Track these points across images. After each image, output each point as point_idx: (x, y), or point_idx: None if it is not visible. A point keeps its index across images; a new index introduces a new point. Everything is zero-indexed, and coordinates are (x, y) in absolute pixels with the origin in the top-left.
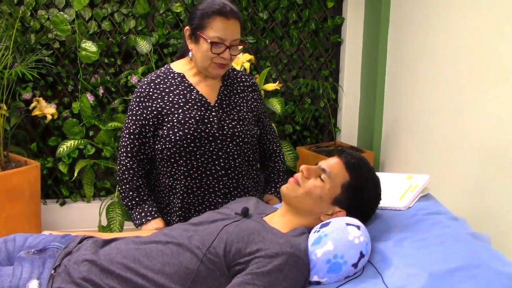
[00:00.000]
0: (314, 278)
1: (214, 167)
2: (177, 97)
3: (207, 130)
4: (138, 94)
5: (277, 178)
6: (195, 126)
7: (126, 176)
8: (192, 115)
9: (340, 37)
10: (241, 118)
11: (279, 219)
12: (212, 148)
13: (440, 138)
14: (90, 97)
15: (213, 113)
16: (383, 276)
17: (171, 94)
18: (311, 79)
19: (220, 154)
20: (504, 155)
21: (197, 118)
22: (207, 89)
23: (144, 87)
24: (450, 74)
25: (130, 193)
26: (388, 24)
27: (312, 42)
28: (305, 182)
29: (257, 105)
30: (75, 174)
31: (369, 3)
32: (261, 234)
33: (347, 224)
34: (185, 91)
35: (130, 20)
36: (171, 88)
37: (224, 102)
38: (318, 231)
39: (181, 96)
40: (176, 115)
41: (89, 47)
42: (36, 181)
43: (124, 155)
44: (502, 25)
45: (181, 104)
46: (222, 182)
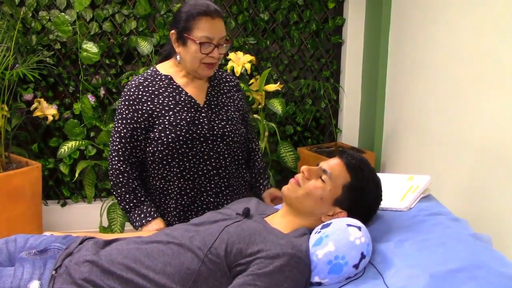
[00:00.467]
0: (315, 279)
1: (206, 167)
2: (167, 99)
3: (198, 131)
4: (127, 97)
5: (262, 175)
6: (186, 127)
7: (121, 180)
8: (183, 117)
9: (341, 38)
10: (229, 118)
11: (280, 220)
12: (204, 149)
13: (441, 139)
14: (91, 98)
15: (203, 114)
16: (384, 277)
17: (160, 97)
18: (312, 80)
19: (211, 154)
20: (505, 156)
21: (188, 119)
22: (195, 90)
23: (132, 90)
24: (451, 74)
25: (127, 196)
26: (389, 24)
27: (313, 43)
28: (306, 183)
29: (242, 104)
30: (76, 175)
31: (370, 4)
32: (262, 235)
33: (348, 225)
34: (174, 93)
35: (131, 21)
36: (160, 90)
37: (213, 102)
38: (319, 232)
39: (171, 98)
40: (167, 117)
41: (90, 48)
42: (37, 182)
43: (116, 159)
44: (502, 25)
45: (171, 106)
46: (213, 182)
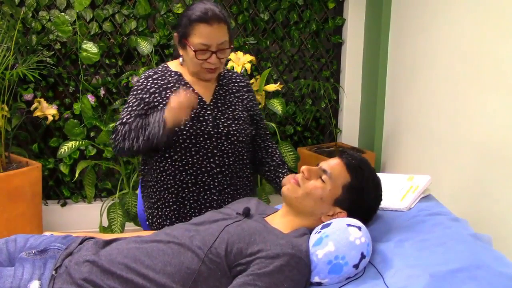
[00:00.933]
0: (315, 279)
1: (209, 165)
2: (174, 93)
3: (202, 128)
4: (136, 88)
5: (281, 167)
6: (190, 123)
7: (125, 126)
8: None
9: (341, 38)
10: (236, 117)
11: (280, 219)
12: (207, 146)
13: (441, 139)
14: (91, 98)
15: (208, 112)
16: (384, 277)
17: (168, 90)
18: (312, 80)
19: (215, 152)
20: (505, 156)
21: (192, 115)
22: (203, 88)
23: (141, 81)
24: (451, 74)
25: (135, 124)
26: (389, 24)
27: (313, 43)
28: (306, 183)
29: (253, 104)
30: (76, 175)
31: (370, 4)
32: (262, 235)
33: (348, 225)
34: (182, 89)
35: (131, 21)
36: (169, 85)
37: (219, 101)
38: (319, 232)
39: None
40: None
41: (90, 48)
42: (37, 182)
43: (121, 127)
44: (502, 25)
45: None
46: (217, 180)
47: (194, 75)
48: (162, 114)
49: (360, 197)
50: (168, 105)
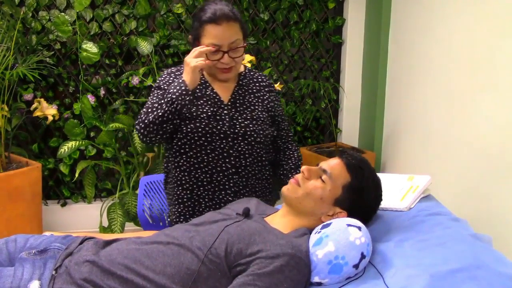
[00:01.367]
0: (315, 279)
1: (225, 165)
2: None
3: (219, 127)
4: (158, 82)
5: (294, 172)
6: (206, 121)
7: (147, 112)
8: (204, 110)
9: (341, 38)
10: (254, 117)
11: (280, 220)
12: (223, 146)
13: (441, 139)
14: (91, 98)
15: (225, 111)
16: (384, 277)
17: None
18: (312, 80)
19: (231, 152)
20: (504, 156)
21: (209, 113)
22: (221, 87)
23: (163, 76)
24: (451, 75)
25: (157, 101)
26: (389, 24)
27: (313, 43)
28: (306, 183)
29: (274, 105)
30: (76, 175)
31: (370, 4)
32: (262, 235)
33: (348, 225)
34: (201, 87)
35: (131, 21)
36: None
37: (238, 101)
38: (319, 232)
39: (197, 91)
40: (187, 109)
41: (90, 48)
42: (37, 182)
43: (141, 125)
44: (501, 26)
45: (194, 100)
46: (232, 180)
47: (211, 76)
48: (180, 78)
49: (360, 197)
50: (184, 68)
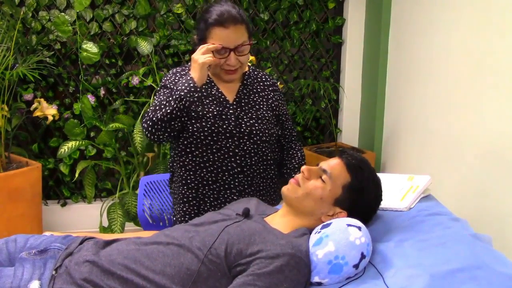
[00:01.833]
0: (315, 279)
1: (230, 164)
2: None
3: (224, 126)
4: (163, 81)
5: (297, 171)
6: (212, 120)
7: (154, 110)
8: (210, 110)
9: (341, 37)
10: (259, 116)
11: (280, 219)
12: (229, 145)
13: (441, 139)
14: (91, 98)
15: (231, 111)
16: (384, 277)
17: None
18: (312, 80)
19: (237, 151)
20: (505, 156)
21: (215, 113)
22: (227, 87)
23: (169, 75)
24: (451, 74)
25: (165, 98)
26: (389, 24)
27: (313, 43)
28: (306, 183)
29: (278, 104)
30: (76, 175)
31: (370, 4)
32: (262, 235)
33: (348, 225)
34: (207, 86)
35: (131, 21)
36: None
37: (243, 100)
38: (319, 232)
39: (203, 90)
40: (194, 107)
41: (90, 48)
42: (37, 182)
43: (148, 123)
44: (502, 25)
45: (202, 97)
46: (237, 180)
47: (216, 77)
48: (188, 75)
49: (360, 197)
50: (191, 65)
